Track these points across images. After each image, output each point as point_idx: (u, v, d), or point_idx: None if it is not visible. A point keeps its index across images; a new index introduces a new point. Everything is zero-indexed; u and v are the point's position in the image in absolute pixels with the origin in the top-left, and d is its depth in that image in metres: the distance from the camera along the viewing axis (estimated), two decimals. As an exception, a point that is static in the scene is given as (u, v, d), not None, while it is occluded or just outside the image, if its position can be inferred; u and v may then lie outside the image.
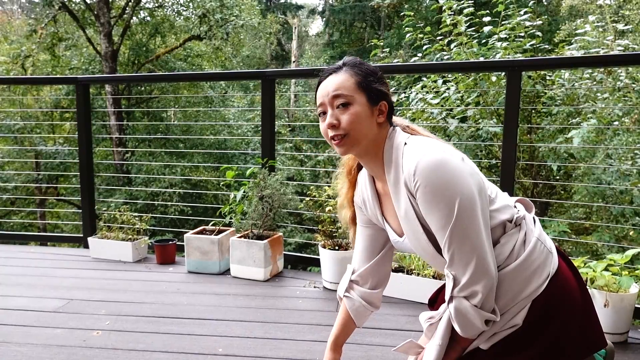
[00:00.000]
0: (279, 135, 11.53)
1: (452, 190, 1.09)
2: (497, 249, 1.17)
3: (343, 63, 1.26)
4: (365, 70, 1.23)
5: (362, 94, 1.20)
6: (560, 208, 5.44)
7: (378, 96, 1.22)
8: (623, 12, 9.00)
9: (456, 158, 1.13)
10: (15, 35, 13.75)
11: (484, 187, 1.16)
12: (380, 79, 1.25)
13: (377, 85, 1.23)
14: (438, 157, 1.11)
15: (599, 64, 3.29)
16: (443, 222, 1.10)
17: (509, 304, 1.15)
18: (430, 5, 11.90)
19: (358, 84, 1.21)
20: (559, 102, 3.97)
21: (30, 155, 10.77)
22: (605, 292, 1.90)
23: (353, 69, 1.23)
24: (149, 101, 12.68)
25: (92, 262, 3.10)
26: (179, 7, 13.06)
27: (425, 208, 1.13)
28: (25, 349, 1.91)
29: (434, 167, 1.10)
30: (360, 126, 1.19)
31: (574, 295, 1.21)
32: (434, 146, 1.15)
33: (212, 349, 1.92)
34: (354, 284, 1.44)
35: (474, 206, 1.10)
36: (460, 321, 1.13)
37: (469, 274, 1.10)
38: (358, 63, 1.25)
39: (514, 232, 1.19)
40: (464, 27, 4.16)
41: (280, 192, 2.73)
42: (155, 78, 8.60)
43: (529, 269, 1.16)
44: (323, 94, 1.23)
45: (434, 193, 1.10)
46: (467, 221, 1.09)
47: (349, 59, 1.27)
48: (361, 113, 1.19)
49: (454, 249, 1.11)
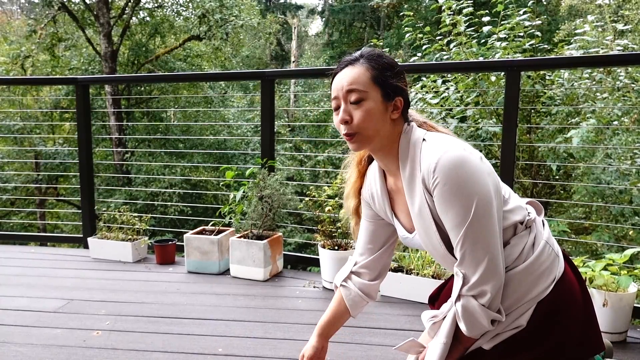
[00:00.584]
0: (279, 135, 11.53)
1: (470, 189, 1.08)
2: (507, 249, 1.16)
3: (360, 54, 1.21)
4: (382, 64, 1.19)
5: (377, 89, 1.17)
6: (560, 208, 5.44)
7: (394, 92, 1.19)
8: (622, 12, 9.01)
9: (475, 157, 1.12)
10: (14, 36, 13.75)
11: (499, 188, 1.16)
12: (398, 74, 1.21)
13: (394, 81, 1.19)
14: (459, 155, 1.10)
15: (598, 64, 3.30)
16: (458, 221, 1.10)
17: (515, 305, 1.15)
18: (430, 5, 11.90)
19: (374, 78, 1.17)
20: (558, 102, 3.97)
21: (30, 156, 10.77)
22: (604, 292, 1.90)
23: (370, 62, 1.19)
24: (149, 101, 12.68)
25: (92, 262, 3.10)
26: (178, 7, 13.07)
27: (442, 205, 1.12)
28: (25, 349, 1.91)
29: (455, 165, 1.09)
30: (373, 123, 1.17)
31: (577, 300, 1.21)
32: (454, 144, 1.14)
33: (212, 348, 1.92)
34: (353, 274, 1.43)
35: (490, 206, 1.10)
36: (467, 320, 1.13)
37: (479, 273, 1.10)
38: (376, 56, 1.21)
39: (524, 234, 1.18)
40: (463, 27, 4.17)
41: (279, 192, 2.74)
42: (155, 78, 8.62)
43: (536, 272, 1.16)
44: (338, 87, 1.20)
45: (452, 191, 1.09)
46: (482, 221, 1.09)
47: (367, 50, 1.23)
48: (374, 109, 1.17)
49: (467, 247, 1.10)
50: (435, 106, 4.22)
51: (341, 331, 2.05)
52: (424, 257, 2.49)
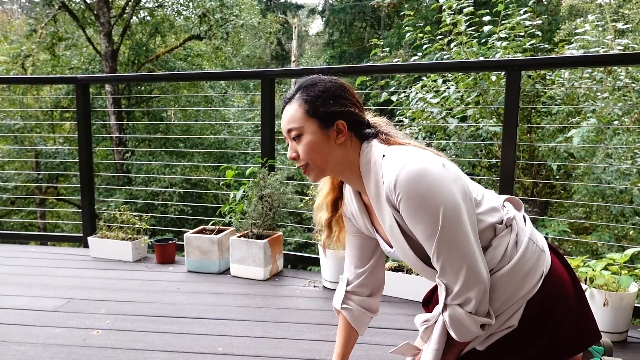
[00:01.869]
0: (279, 134, 11.50)
1: (434, 199, 1.07)
2: (490, 252, 1.15)
3: (296, 90, 1.22)
4: (314, 95, 1.19)
5: (312, 121, 1.18)
6: (560, 208, 5.44)
7: (331, 117, 1.18)
8: (623, 11, 9.00)
9: (436, 165, 1.10)
10: (15, 35, 13.75)
11: (468, 192, 1.14)
12: (333, 97, 1.19)
13: (327, 107, 1.18)
14: (417, 167, 1.08)
15: (598, 64, 3.29)
16: (429, 233, 1.09)
17: (504, 306, 1.15)
18: (430, 5, 11.90)
19: (307, 112, 1.18)
20: (558, 102, 3.97)
21: (30, 155, 10.77)
22: (605, 292, 1.90)
23: (302, 96, 1.19)
24: (149, 101, 12.68)
25: (92, 261, 3.10)
26: (178, 7, 13.07)
27: (410, 220, 1.11)
28: (25, 348, 1.91)
29: (414, 178, 1.07)
30: (317, 154, 1.19)
31: (568, 292, 1.21)
32: (412, 156, 1.12)
33: (212, 348, 1.92)
34: (350, 294, 1.42)
35: (458, 213, 1.08)
36: (456, 328, 1.13)
37: (460, 281, 1.09)
38: (309, 85, 1.21)
39: (505, 233, 1.17)
40: (463, 27, 4.17)
41: (280, 191, 2.74)
42: (155, 78, 8.63)
43: (522, 270, 1.15)
44: (282, 126, 1.24)
45: (416, 204, 1.08)
46: (453, 229, 1.07)
47: (302, 82, 1.23)
48: (314, 141, 1.18)
49: (444, 258, 1.09)
50: (436, 106, 4.22)
51: (341, 331, 2.05)
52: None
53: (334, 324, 2.13)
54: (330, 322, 2.16)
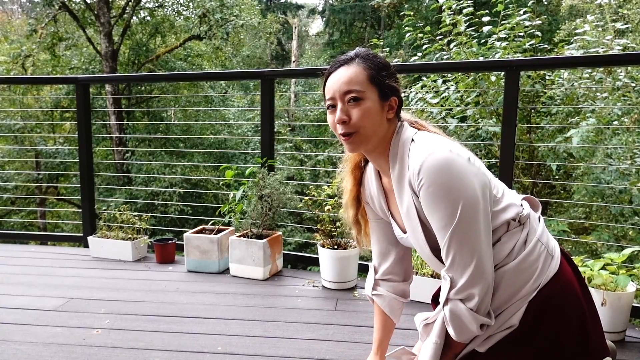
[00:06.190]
0: (279, 134, 11.55)
1: (456, 192, 1.06)
2: (498, 246, 1.15)
3: (355, 54, 1.20)
4: (378, 64, 1.19)
5: (373, 89, 1.16)
6: (560, 207, 5.45)
7: (390, 91, 1.19)
8: (622, 12, 9.00)
9: (462, 158, 1.10)
10: (15, 35, 13.76)
11: (488, 188, 1.13)
12: (393, 74, 1.21)
13: (390, 81, 1.19)
14: (444, 157, 1.08)
15: (598, 64, 3.29)
16: (444, 223, 1.08)
17: (505, 304, 1.14)
18: (430, 5, 11.90)
19: (370, 78, 1.16)
20: (558, 102, 3.98)
21: (31, 155, 10.78)
22: (603, 291, 1.91)
23: (366, 62, 1.18)
24: (149, 101, 12.68)
25: (92, 261, 3.11)
26: (179, 7, 13.07)
27: (428, 207, 1.10)
28: (25, 347, 1.91)
29: (439, 167, 1.07)
30: (371, 123, 1.16)
31: (574, 300, 1.18)
32: (441, 144, 1.11)
33: (211, 347, 1.92)
34: (380, 280, 1.42)
35: (476, 209, 1.08)
36: (455, 324, 1.12)
37: (466, 276, 1.08)
38: (371, 55, 1.20)
39: (516, 230, 1.17)
40: (463, 27, 4.17)
41: (279, 191, 2.74)
42: (155, 78, 8.62)
43: (526, 270, 1.14)
44: (334, 86, 1.18)
45: (437, 193, 1.07)
46: (468, 224, 1.07)
47: (362, 50, 1.22)
48: (372, 109, 1.15)
49: (453, 250, 1.09)
50: (436, 106, 4.22)
51: (341, 330, 2.06)
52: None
53: (333, 323, 2.14)
54: (330, 322, 2.16)
